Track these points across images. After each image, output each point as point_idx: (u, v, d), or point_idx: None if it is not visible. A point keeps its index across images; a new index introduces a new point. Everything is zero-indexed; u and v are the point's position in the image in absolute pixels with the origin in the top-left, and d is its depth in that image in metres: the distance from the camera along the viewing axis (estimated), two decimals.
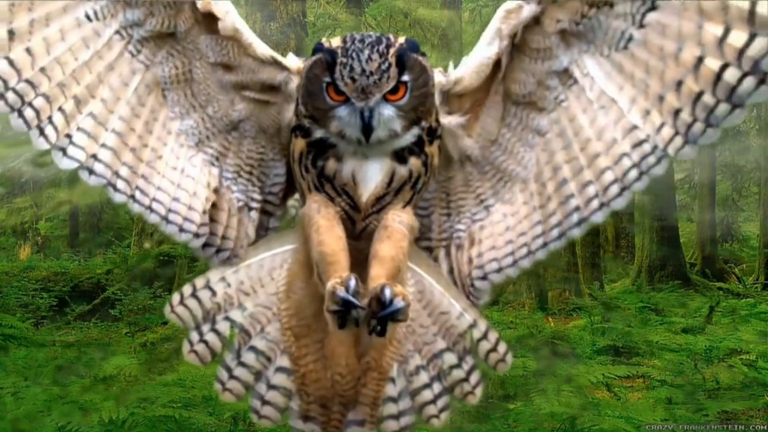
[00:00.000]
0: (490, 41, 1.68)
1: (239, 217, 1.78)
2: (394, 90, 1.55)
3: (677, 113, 1.57)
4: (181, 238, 1.75)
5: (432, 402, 1.73)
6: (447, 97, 1.72)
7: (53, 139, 1.60)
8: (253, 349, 1.74)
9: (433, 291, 1.75)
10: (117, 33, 1.65)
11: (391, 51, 1.54)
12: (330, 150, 1.62)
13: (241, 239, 1.78)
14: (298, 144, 1.66)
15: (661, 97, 1.58)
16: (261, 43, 1.72)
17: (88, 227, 15.62)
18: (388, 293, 1.50)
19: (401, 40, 1.58)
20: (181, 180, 1.74)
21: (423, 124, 1.62)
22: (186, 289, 1.75)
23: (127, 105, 1.68)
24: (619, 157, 1.63)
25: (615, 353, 7.30)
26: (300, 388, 1.73)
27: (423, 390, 1.74)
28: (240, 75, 1.72)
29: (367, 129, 1.56)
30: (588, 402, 5.50)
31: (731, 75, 1.50)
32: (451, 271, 1.79)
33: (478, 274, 1.77)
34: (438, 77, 1.67)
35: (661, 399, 5.86)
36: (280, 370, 1.74)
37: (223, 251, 1.76)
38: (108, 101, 1.65)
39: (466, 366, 1.74)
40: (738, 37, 1.48)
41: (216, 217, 1.76)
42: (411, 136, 1.61)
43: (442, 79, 1.69)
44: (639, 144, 1.62)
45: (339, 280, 1.52)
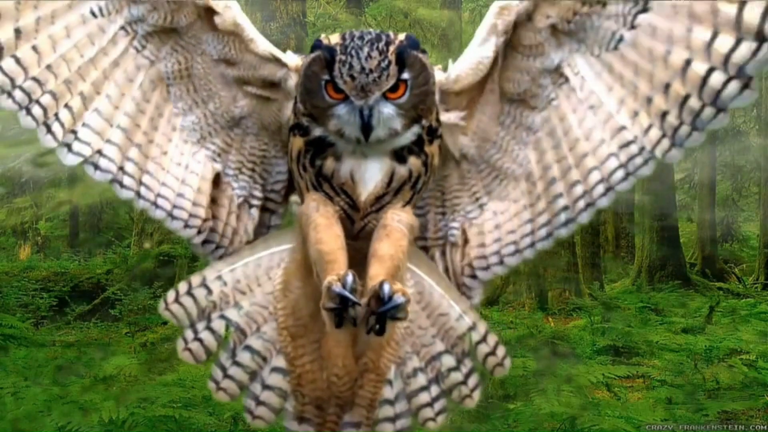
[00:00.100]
0: (485, 38, 1.68)
1: (238, 214, 1.78)
2: (393, 88, 1.54)
3: (664, 116, 1.58)
4: (186, 233, 1.75)
5: (429, 405, 1.72)
6: (444, 95, 1.71)
7: (60, 136, 1.61)
8: (249, 349, 1.71)
9: (433, 292, 1.73)
10: (122, 29, 1.66)
11: (391, 48, 1.52)
12: (329, 149, 1.61)
13: (240, 236, 1.78)
14: (296, 143, 1.65)
15: (649, 99, 1.59)
16: (263, 40, 1.72)
17: (88, 227, 15.62)
18: (386, 289, 1.48)
19: (401, 36, 1.57)
20: (186, 176, 1.74)
21: (423, 122, 1.61)
22: (181, 287, 1.72)
23: (132, 101, 1.68)
24: (606, 158, 1.64)
25: (615, 353, 7.30)
26: (295, 388, 1.71)
27: (420, 392, 1.72)
28: (242, 70, 1.72)
29: (367, 128, 1.54)
30: (588, 402, 5.50)
31: (717, 79, 1.51)
32: (446, 270, 1.79)
33: (468, 272, 1.78)
34: (437, 75, 1.67)
35: (661, 399, 5.86)
36: (275, 370, 1.72)
37: (221, 248, 1.76)
38: (113, 97, 1.66)
39: (464, 369, 1.72)
40: (725, 42, 1.49)
41: (216, 213, 1.76)
42: (411, 134, 1.60)
43: (441, 78, 1.68)
44: (626, 145, 1.62)
45: (336, 276, 1.51)
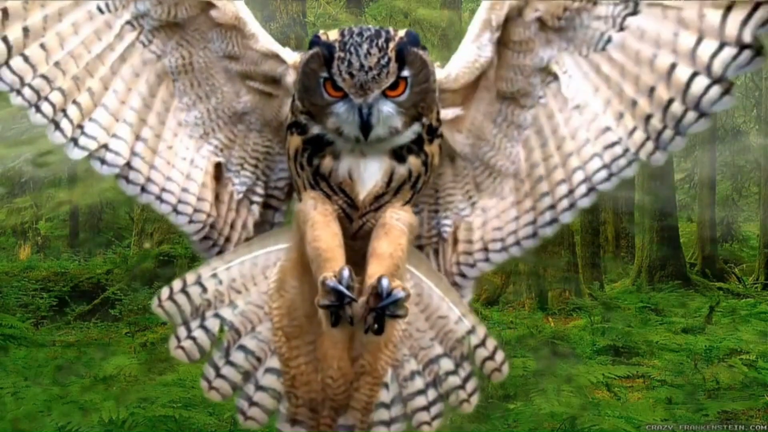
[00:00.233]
0: (478, 34, 1.67)
1: (237, 210, 1.77)
2: (393, 86, 1.52)
3: (649, 119, 1.59)
4: (190, 228, 1.74)
5: (425, 408, 1.70)
6: (442, 93, 1.70)
7: (69, 133, 1.62)
8: (243, 349, 1.69)
9: (432, 294, 1.71)
10: (128, 24, 1.66)
11: (391, 45, 1.50)
12: (327, 147, 1.59)
13: (238, 232, 1.77)
14: (293, 141, 1.63)
15: (634, 102, 1.59)
16: (265, 35, 1.71)
17: (88, 227, 15.61)
18: (385, 284, 1.47)
19: (401, 33, 1.55)
20: (191, 170, 1.74)
21: (424, 120, 1.59)
22: (176, 284, 1.70)
23: (139, 96, 1.68)
24: (590, 158, 1.65)
25: (615, 353, 7.30)
26: (289, 390, 1.69)
27: (417, 396, 1.70)
28: (244, 65, 1.72)
29: (366, 126, 1.52)
30: (588, 402, 5.50)
31: (699, 83, 1.53)
32: (438, 269, 1.78)
33: (455, 270, 1.77)
34: (438, 73, 1.66)
35: (661, 399, 5.86)
36: (269, 371, 1.70)
37: (217, 245, 1.76)
38: (120, 92, 1.66)
39: (462, 373, 1.70)
40: (709, 46, 1.50)
41: (216, 209, 1.76)
42: (411, 133, 1.59)
43: (441, 76, 1.67)
44: (611, 146, 1.63)
45: (332, 273, 1.49)
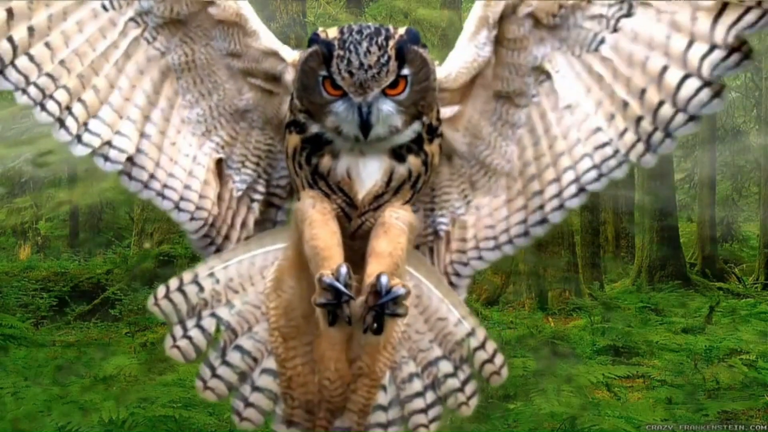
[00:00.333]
0: (474, 32, 1.67)
1: (236, 208, 1.77)
2: (393, 84, 1.51)
3: (639, 120, 1.58)
4: (191, 226, 1.73)
5: (423, 411, 1.68)
6: (441, 92, 1.69)
7: (74, 130, 1.62)
8: (239, 349, 1.68)
9: (431, 296, 1.70)
10: (132, 20, 1.65)
11: (391, 43, 1.49)
12: (326, 146, 1.58)
13: (237, 231, 1.76)
14: (291, 140, 1.62)
15: (626, 103, 1.59)
16: (266, 33, 1.70)
17: (88, 227, 15.61)
18: (384, 281, 1.45)
19: (401, 31, 1.53)
20: (194, 167, 1.73)
21: (424, 119, 1.58)
22: (172, 283, 1.68)
23: (143, 93, 1.68)
24: (581, 158, 1.65)
25: (615, 353, 7.30)
26: (285, 391, 1.67)
27: (415, 398, 1.68)
28: (246, 62, 1.71)
29: (366, 125, 1.51)
30: (588, 402, 5.50)
31: (690, 86, 1.53)
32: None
33: (450, 270, 1.77)
34: (438, 72, 1.64)
35: (661, 399, 5.87)
36: (266, 371, 1.68)
37: (214, 243, 1.75)
38: (124, 89, 1.66)
39: (462, 375, 1.69)
40: (699, 49, 1.51)
41: (217, 207, 1.75)
42: (411, 132, 1.57)
43: (441, 75, 1.66)
44: (601, 146, 1.63)
45: (329, 270, 1.48)
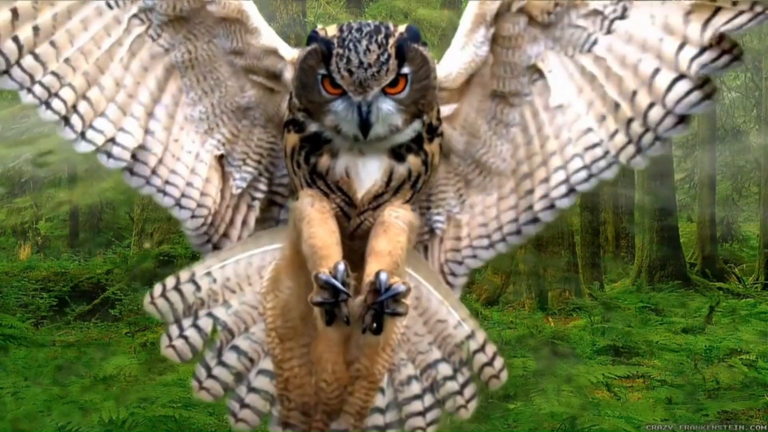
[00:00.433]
0: (472, 29, 1.66)
1: (237, 206, 1.76)
2: (393, 83, 1.50)
3: (630, 122, 1.59)
4: (192, 224, 1.72)
5: (421, 414, 1.67)
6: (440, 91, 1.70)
7: (79, 128, 1.61)
8: (236, 349, 1.66)
9: (431, 298, 1.68)
10: (136, 17, 1.65)
11: (391, 41, 1.48)
12: (324, 145, 1.57)
13: (237, 229, 1.76)
14: (290, 139, 1.61)
15: (617, 105, 1.60)
16: (267, 30, 1.70)
17: (88, 227, 15.61)
18: (383, 278, 1.43)
19: (401, 28, 1.52)
20: (196, 165, 1.72)
21: (424, 118, 1.57)
22: (169, 281, 1.67)
23: (147, 90, 1.68)
24: (571, 158, 1.65)
25: (615, 353, 7.30)
26: (282, 393, 1.65)
27: (413, 401, 1.67)
28: (248, 60, 1.71)
29: (365, 125, 1.50)
30: (588, 402, 5.49)
31: (680, 88, 1.53)
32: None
33: (446, 269, 1.76)
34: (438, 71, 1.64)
35: (661, 399, 5.86)
36: (262, 372, 1.66)
37: (211, 242, 1.74)
38: (129, 86, 1.66)
39: (461, 378, 1.67)
40: (690, 51, 1.51)
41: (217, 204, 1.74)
42: (411, 131, 1.57)
43: (441, 75, 1.65)
44: (592, 147, 1.63)
45: (327, 269, 1.46)
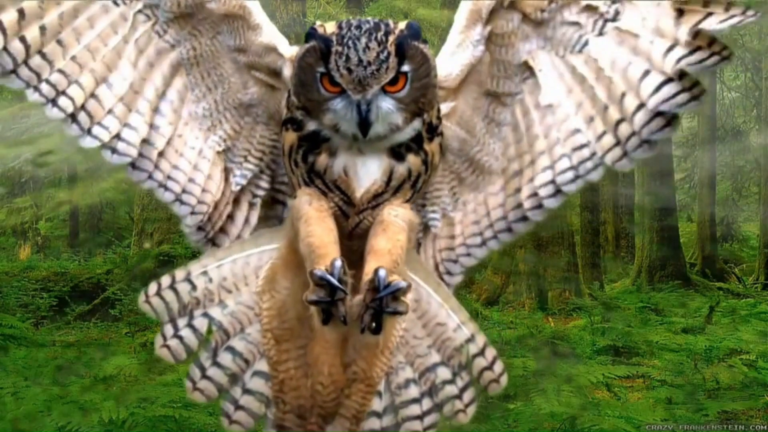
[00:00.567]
0: (467, 25, 1.66)
1: (237, 202, 1.75)
2: (393, 81, 1.48)
3: (618, 124, 1.59)
4: (191, 220, 1.71)
5: (418, 418, 1.64)
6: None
7: (87, 125, 1.61)
8: (231, 350, 1.64)
9: (430, 300, 1.66)
10: (142, 13, 1.64)
11: (390, 39, 1.46)
12: (323, 144, 1.56)
13: (237, 227, 1.74)
14: (288, 137, 1.60)
15: (606, 107, 1.59)
16: (269, 27, 1.69)
17: (88, 227, 15.61)
18: (382, 274, 1.41)
19: (401, 26, 1.51)
20: (199, 161, 1.72)
21: (425, 117, 1.56)
22: (164, 280, 1.65)
23: (153, 86, 1.67)
24: (559, 158, 1.65)
25: (615, 353, 7.30)
26: (277, 395, 1.62)
27: (410, 404, 1.64)
28: (250, 56, 1.70)
29: (365, 123, 1.49)
30: (588, 402, 5.49)
31: (669, 90, 1.52)
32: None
33: (442, 268, 1.76)
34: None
35: (661, 399, 5.86)
36: (257, 374, 1.64)
37: (208, 237, 1.73)
38: (136, 83, 1.65)
39: (460, 382, 1.65)
40: (679, 52, 1.51)
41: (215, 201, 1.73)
42: (411, 130, 1.55)
43: (442, 75, 1.64)
44: (579, 148, 1.63)
45: (324, 266, 1.44)
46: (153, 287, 1.65)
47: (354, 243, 1.60)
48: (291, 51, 1.66)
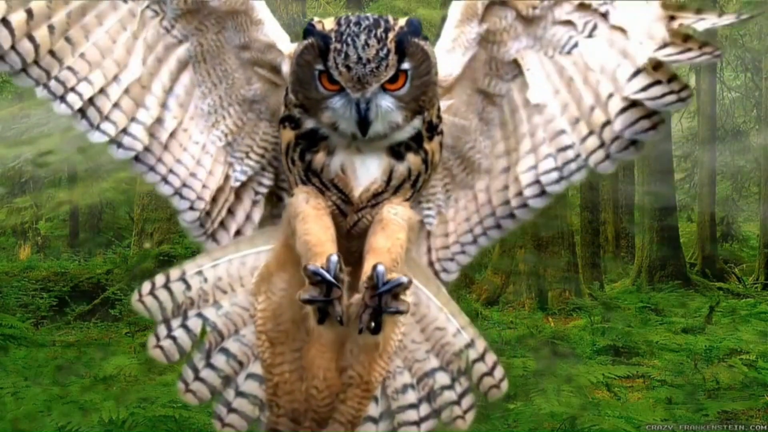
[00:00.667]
0: (462, 20, 1.66)
1: (239, 198, 1.74)
2: (393, 79, 1.46)
3: (604, 126, 1.58)
4: (189, 216, 1.71)
5: (416, 423, 1.61)
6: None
7: (96, 121, 1.61)
8: (225, 352, 1.61)
9: (430, 304, 1.63)
10: (149, 9, 1.65)
11: (390, 36, 1.44)
12: (321, 142, 1.54)
13: (238, 224, 1.74)
14: (285, 135, 1.58)
15: (592, 108, 1.59)
16: (270, 23, 1.69)
17: (88, 227, 15.61)
18: (381, 270, 1.38)
19: (401, 22, 1.48)
20: (202, 156, 1.71)
21: (425, 115, 1.54)
22: (158, 279, 1.62)
23: (160, 81, 1.67)
24: (545, 157, 1.65)
25: (615, 353, 7.30)
26: (271, 398, 1.60)
27: (407, 410, 1.61)
28: (253, 52, 1.70)
29: (364, 122, 1.47)
30: (588, 402, 5.49)
31: (656, 91, 1.52)
32: None
33: (438, 267, 1.75)
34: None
35: (661, 399, 5.86)
36: (251, 376, 1.61)
37: (207, 233, 1.73)
38: (144, 78, 1.65)
39: (459, 388, 1.62)
40: (670, 51, 1.50)
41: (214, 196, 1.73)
42: (411, 128, 1.54)
43: (443, 75, 1.64)
44: (564, 149, 1.63)
45: (320, 263, 1.41)
46: (147, 286, 1.62)
47: (353, 243, 1.59)
48: (290, 48, 1.65)
